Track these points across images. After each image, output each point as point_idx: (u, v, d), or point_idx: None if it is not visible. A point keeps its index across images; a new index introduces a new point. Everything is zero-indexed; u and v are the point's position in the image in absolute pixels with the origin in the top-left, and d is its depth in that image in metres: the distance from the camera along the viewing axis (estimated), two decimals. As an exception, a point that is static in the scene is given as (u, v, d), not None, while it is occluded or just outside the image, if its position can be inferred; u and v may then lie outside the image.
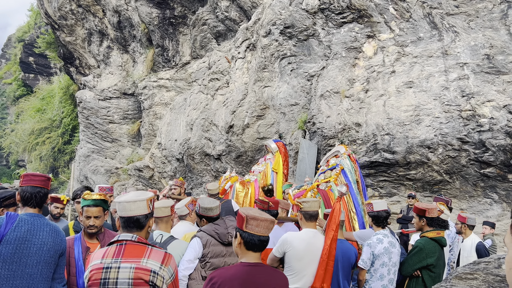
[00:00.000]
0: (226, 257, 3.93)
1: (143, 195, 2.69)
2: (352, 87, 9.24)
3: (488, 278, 1.84)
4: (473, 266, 1.94)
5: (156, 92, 16.22)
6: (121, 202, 2.60)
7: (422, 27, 8.66)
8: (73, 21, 18.11)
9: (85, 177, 18.44)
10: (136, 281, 2.45)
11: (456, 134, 7.81)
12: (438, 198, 7.13)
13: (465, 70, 7.94)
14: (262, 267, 2.59)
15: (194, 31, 15.07)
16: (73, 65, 19.94)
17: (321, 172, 7.84)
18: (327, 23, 9.86)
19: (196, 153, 13.02)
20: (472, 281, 1.86)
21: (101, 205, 3.63)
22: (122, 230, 2.61)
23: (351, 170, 7.51)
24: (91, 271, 2.49)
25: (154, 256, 2.53)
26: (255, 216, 2.47)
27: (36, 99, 29.61)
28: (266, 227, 2.51)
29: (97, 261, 2.50)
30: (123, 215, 2.59)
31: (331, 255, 3.89)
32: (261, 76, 11.20)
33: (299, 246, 3.84)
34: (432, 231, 4.59)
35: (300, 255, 3.83)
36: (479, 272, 1.87)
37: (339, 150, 7.98)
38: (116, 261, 2.48)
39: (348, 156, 7.60)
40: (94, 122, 17.98)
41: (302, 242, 3.86)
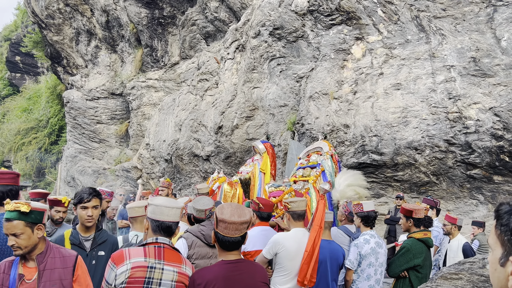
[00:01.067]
0: (212, 258, 3.87)
1: (178, 203, 2.72)
2: (340, 88, 9.28)
3: (473, 278, 1.86)
4: (458, 266, 1.96)
5: (144, 92, 16.12)
6: (159, 206, 2.60)
7: (410, 30, 8.74)
8: (60, 20, 17.92)
9: (72, 178, 18.24)
10: (178, 284, 2.53)
11: (443, 136, 7.89)
12: (426, 199, 7.17)
13: (452, 73, 8.03)
14: (242, 263, 2.61)
15: (183, 31, 15.01)
16: (60, 65, 19.72)
17: (300, 167, 7.73)
18: (316, 24, 9.90)
19: (184, 154, 12.96)
20: (457, 281, 1.87)
21: (20, 219, 2.61)
22: (154, 233, 2.62)
23: (332, 172, 7.40)
24: (134, 268, 2.45)
25: (189, 265, 2.66)
26: (223, 218, 2.48)
27: (23, 99, 29.23)
28: (235, 229, 2.49)
29: (140, 258, 2.48)
30: (158, 218, 2.60)
31: (315, 249, 3.91)
32: (250, 77, 11.19)
33: (291, 247, 3.85)
34: (419, 232, 4.61)
35: (292, 255, 3.85)
36: (464, 272, 1.88)
37: (322, 148, 7.86)
38: (160, 263, 2.51)
39: (331, 157, 7.54)
40: (82, 122, 17.81)
41: (294, 242, 3.88)
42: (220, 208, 2.53)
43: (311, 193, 6.81)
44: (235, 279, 2.50)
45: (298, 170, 7.65)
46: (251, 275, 2.60)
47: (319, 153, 7.74)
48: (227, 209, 2.51)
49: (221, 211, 2.50)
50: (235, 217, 2.48)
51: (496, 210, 1.08)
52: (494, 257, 1.08)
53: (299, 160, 8.24)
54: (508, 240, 1.02)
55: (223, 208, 2.53)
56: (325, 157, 7.42)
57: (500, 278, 1.05)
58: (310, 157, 7.81)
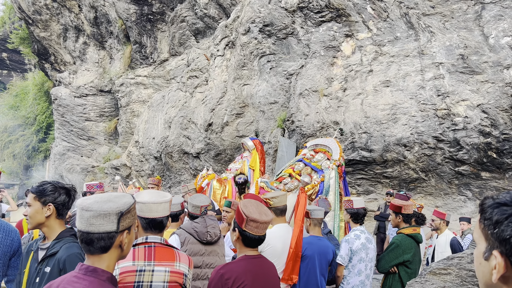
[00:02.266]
0: (204, 256, 3.86)
1: (165, 196, 2.61)
2: (330, 85, 9.29)
3: (461, 273, 1.86)
4: (447, 261, 1.96)
5: (133, 89, 15.99)
6: (146, 203, 2.50)
7: (399, 27, 8.78)
8: (48, 16, 17.68)
9: (61, 176, 18.05)
10: (171, 285, 2.42)
11: (432, 133, 7.95)
12: (400, 195, 7.08)
13: (440, 70, 8.08)
14: (263, 258, 2.68)
15: (172, 28, 14.91)
16: (48, 61, 19.48)
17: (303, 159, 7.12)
18: (306, 21, 9.89)
19: (174, 151, 12.90)
20: (446, 276, 1.88)
21: None
22: (145, 231, 2.53)
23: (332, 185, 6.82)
24: (122, 274, 2.34)
25: (183, 260, 2.53)
26: (255, 218, 2.49)
27: (10, 96, 28.83)
28: (264, 228, 2.56)
29: (128, 263, 2.36)
30: (147, 216, 2.50)
31: (299, 246, 3.90)
32: (240, 74, 11.16)
33: (277, 244, 3.81)
34: (408, 228, 4.65)
35: (279, 252, 3.81)
36: (452, 267, 1.89)
37: (333, 151, 7.16)
38: (150, 264, 2.40)
39: (336, 167, 6.83)
40: (70, 119, 17.62)
41: (279, 239, 3.84)
42: (245, 207, 2.54)
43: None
44: (260, 273, 2.56)
45: (299, 162, 7.14)
46: (270, 269, 2.68)
47: (327, 154, 7.13)
48: (252, 208, 2.54)
49: (248, 210, 2.52)
50: (263, 217, 2.52)
51: (481, 204, 1.08)
52: (478, 251, 1.08)
53: (303, 149, 7.71)
54: (491, 234, 1.02)
55: (247, 207, 2.54)
56: (331, 165, 6.85)
57: (484, 272, 1.05)
58: (317, 153, 7.20)
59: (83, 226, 1.72)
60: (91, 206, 1.73)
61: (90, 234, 1.72)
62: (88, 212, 1.72)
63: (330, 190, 6.73)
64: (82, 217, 1.73)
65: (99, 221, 1.72)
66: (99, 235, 1.72)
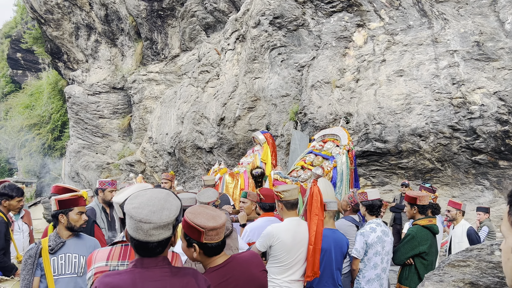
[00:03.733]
0: None
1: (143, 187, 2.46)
2: (342, 76, 9.19)
3: (481, 265, 1.81)
4: (465, 253, 1.91)
5: (145, 85, 16.07)
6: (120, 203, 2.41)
7: (411, 15, 8.62)
8: (59, 15, 17.83)
9: (76, 173, 18.28)
10: None
11: (447, 122, 7.81)
12: (423, 187, 7.02)
13: (455, 58, 7.92)
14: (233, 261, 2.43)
15: (182, 23, 14.91)
16: (61, 60, 19.67)
17: (313, 151, 7.23)
18: (317, 12, 9.78)
19: (187, 147, 12.94)
20: (465, 268, 1.83)
21: None
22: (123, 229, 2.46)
23: (345, 170, 6.97)
24: (96, 274, 2.29)
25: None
26: (213, 226, 2.23)
27: (25, 95, 29.24)
28: (223, 231, 2.33)
29: (102, 263, 2.31)
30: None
31: (318, 240, 3.83)
32: (251, 68, 11.11)
33: (287, 238, 3.73)
34: (424, 219, 4.57)
35: (288, 247, 3.73)
36: (471, 259, 1.84)
37: (341, 138, 7.28)
38: (123, 264, 2.32)
39: (347, 152, 7.04)
40: (84, 117, 17.80)
41: (289, 232, 3.76)
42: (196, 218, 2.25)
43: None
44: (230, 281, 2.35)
45: (309, 154, 7.13)
46: (246, 269, 2.45)
47: (336, 142, 7.20)
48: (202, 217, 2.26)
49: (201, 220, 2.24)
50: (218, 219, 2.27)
51: (509, 195, 1.00)
52: (507, 246, 1.00)
53: (312, 141, 7.78)
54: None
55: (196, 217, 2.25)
56: (342, 151, 6.89)
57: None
58: (325, 143, 7.30)
59: (142, 236, 1.73)
60: (149, 218, 1.73)
61: (149, 244, 1.75)
62: (147, 224, 1.72)
63: (343, 176, 6.79)
64: (140, 228, 1.73)
65: (159, 231, 1.74)
66: (158, 243, 1.76)
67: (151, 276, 1.76)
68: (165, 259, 1.83)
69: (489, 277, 1.76)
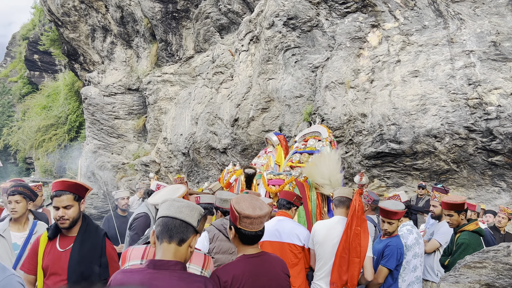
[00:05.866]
0: (233, 254, 3.77)
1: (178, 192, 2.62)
2: (357, 77, 9.17)
3: (497, 266, 1.82)
4: (482, 254, 1.92)
5: (160, 87, 16.21)
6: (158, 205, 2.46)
7: (427, 15, 8.56)
8: (76, 17, 18.10)
9: (92, 173, 18.53)
10: None
11: (463, 123, 7.74)
12: (436, 187, 6.94)
13: (471, 58, 7.85)
14: (265, 256, 2.54)
15: (197, 24, 15.01)
16: (77, 62, 19.96)
17: (297, 151, 7.57)
18: (331, 13, 9.77)
19: (201, 147, 13.03)
20: (481, 269, 1.84)
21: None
22: None
23: None
24: None
25: (196, 261, 2.49)
26: (248, 214, 2.37)
27: (42, 97, 29.72)
28: (260, 223, 2.43)
29: (136, 261, 2.39)
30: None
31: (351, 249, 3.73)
32: (265, 69, 11.15)
33: (320, 232, 3.88)
34: (471, 223, 4.28)
35: (321, 240, 3.86)
36: (488, 261, 1.84)
37: (320, 133, 7.73)
38: None
39: (330, 143, 7.45)
40: (100, 118, 18.03)
41: (324, 228, 3.90)
42: (237, 204, 2.42)
43: (309, 181, 6.70)
44: (260, 272, 2.44)
45: (294, 154, 7.53)
46: (273, 266, 2.54)
47: (317, 137, 7.62)
48: (246, 204, 2.41)
49: (241, 206, 2.40)
50: (257, 211, 2.40)
51: None
52: None
53: (294, 143, 8.13)
54: None
55: (240, 203, 2.42)
56: (324, 143, 7.31)
57: None
58: (307, 141, 7.70)
59: (172, 212, 1.94)
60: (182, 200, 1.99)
61: (176, 220, 1.92)
62: (179, 202, 1.96)
63: None
64: (172, 205, 1.96)
65: (187, 211, 1.95)
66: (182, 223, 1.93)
67: (159, 277, 1.84)
68: (178, 264, 1.90)
69: (505, 278, 1.76)
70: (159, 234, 1.91)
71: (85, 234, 3.09)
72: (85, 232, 3.11)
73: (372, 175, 9.07)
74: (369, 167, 8.95)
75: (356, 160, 9.06)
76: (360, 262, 3.69)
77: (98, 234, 3.16)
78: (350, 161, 9.18)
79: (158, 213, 1.93)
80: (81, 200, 3.15)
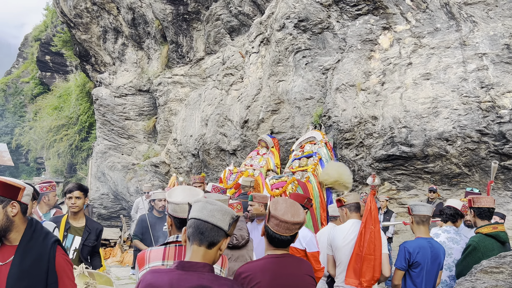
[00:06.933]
0: (231, 261, 3.74)
1: (198, 195, 2.58)
2: (368, 80, 9.14)
3: (515, 271, 1.81)
4: (498, 259, 1.91)
5: (171, 88, 16.29)
6: (180, 204, 2.49)
7: (439, 18, 8.51)
8: (88, 19, 18.28)
9: (103, 174, 18.66)
10: None
11: (475, 126, 7.68)
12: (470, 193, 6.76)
13: (484, 61, 7.78)
14: (289, 258, 2.54)
15: (207, 26, 15.08)
16: (88, 63, 20.15)
17: (295, 158, 7.86)
18: (342, 15, 9.76)
19: (211, 149, 13.07)
20: (498, 275, 1.82)
21: None
22: (178, 231, 2.54)
23: (328, 159, 7.69)
24: None
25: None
26: (276, 215, 2.38)
27: (53, 97, 30.02)
28: (286, 228, 2.40)
29: (158, 262, 2.40)
30: (180, 216, 2.50)
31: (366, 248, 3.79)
32: (275, 71, 11.16)
33: (338, 237, 3.97)
34: (487, 226, 4.05)
35: (340, 245, 3.95)
36: (505, 266, 1.83)
37: (315, 137, 8.02)
38: None
39: (325, 144, 7.71)
40: (111, 119, 18.17)
41: (341, 233, 4.00)
42: (274, 203, 2.43)
43: (311, 180, 6.88)
44: (281, 272, 2.44)
45: (293, 161, 7.82)
46: (297, 268, 2.53)
47: (312, 142, 7.92)
48: (281, 205, 2.40)
49: (275, 206, 2.40)
50: (288, 216, 2.37)
51: None
52: None
53: (292, 152, 8.47)
54: None
55: (277, 203, 2.43)
56: (320, 145, 7.64)
57: None
58: (303, 147, 7.98)
59: (205, 215, 1.94)
60: (215, 202, 1.97)
61: (207, 224, 1.93)
62: (212, 205, 1.95)
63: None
64: (205, 208, 1.96)
65: (219, 215, 1.94)
66: (213, 227, 1.93)
67: (188, 279, 1.85)
68: (206, 266, 1.92)
69: (523, 284, 1.75)
70: (190, 236, 1.94)
71: (29, 244, 2.55)
72: (30, 241, 2.56)
73: (382, 178, 9.03)
74: (380, 170, 8.91)
75: (367, 163, 9.02)
76: (375, 259, 3.73)
77: (46, 242, 2.59)
78: (361, 163, 9.15)
79: (190, 213, 1.95)
80: (9, 202, 2.54)
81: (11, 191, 2.53)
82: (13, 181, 2.61)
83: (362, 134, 8.93)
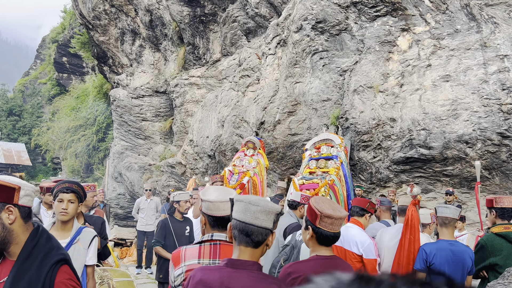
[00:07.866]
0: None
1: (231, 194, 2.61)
2: (386, 81, 9.10)
3: (549, 275, 1.80)
4: (531, 263, 1.90)
5: (187, 89, 16.41)
6: (214, 202, 2.53)
7: (459, 19, 8.44)
8: (106, 21, 18.52)
9: (119, 174, 18.87)
10: None
11: (496, 129, 7.59)
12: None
13: (505, 63, 7.69)
14: (337, 260, 2.57)
15: (224, 28, 15.15)
16: (106, 64, 20.40)
17: (312, 158, 7.81)
18: (360, 17, 9.73)
19: (227, 150, 13.12)
20: (532, 278, 1.82)
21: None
22: (212, 229, 2.57)
23: (347, 164, 7.79)
24: (188, 271, 2.40)
25: None
26: (329, 214, 2.42)
27: (71, 98, 30.47)
28: (339, 224, 2.48)
29: (194, 261, 2.44)
30: (214, 214, 2.54)
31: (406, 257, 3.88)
32: (292, 72, 11.17)
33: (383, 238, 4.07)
34: (499, 225, 4.08)
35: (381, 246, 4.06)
36: (539, 269, 1.83)
37: (332, 140, 7.97)
38: (215, 262, 2.44)
39: (343, 148, 7.75)
40: (128, 119, 18.37)
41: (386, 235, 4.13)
42: (317, 204, 2.47)
43: (337, 184, 6.90)
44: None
45: (310, 161, 7.75)
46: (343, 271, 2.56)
47: (329, 145, 7.85)
48: (324, 205, 2.47)
49: (321, 206, 2.45)
50: (337, 212, 2.45)
51: None
52: None
53: (306, 152, 8.39)
54: None
55: (320, 203, 2.48)
56: (339, 149, 7.60)
57: None
58: (319, 148, 7.94)
59: (249, 218, 1.92)
60: (258, 202, 1.94)
61: (252, 227, 1.92)
62: (255, 206, 1.92)
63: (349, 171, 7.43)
64: (248, 210, 1.93)
65: (263, 217, 1.92)
66: (259, 229, 1.92)
67: (238, 277, 1.89)
68: (255, 264, 1.95)
69: (558, 288, 1.75)
70: (236, 237, 1.97)
71: (26, 263, 2.03)
72: (27, 259, 2.04)
73: (400, 180, 8.97)
74: (398, 173, 8.86)
75: (384, 165, 8.98)
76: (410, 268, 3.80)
77: (45, 263, 2.05)
78: (378, 166, 9.11)
79: (233, 213, 1.97)
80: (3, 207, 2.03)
81: (3, 192, 2.00)
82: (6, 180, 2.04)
83: (380, 136, 8.89)
